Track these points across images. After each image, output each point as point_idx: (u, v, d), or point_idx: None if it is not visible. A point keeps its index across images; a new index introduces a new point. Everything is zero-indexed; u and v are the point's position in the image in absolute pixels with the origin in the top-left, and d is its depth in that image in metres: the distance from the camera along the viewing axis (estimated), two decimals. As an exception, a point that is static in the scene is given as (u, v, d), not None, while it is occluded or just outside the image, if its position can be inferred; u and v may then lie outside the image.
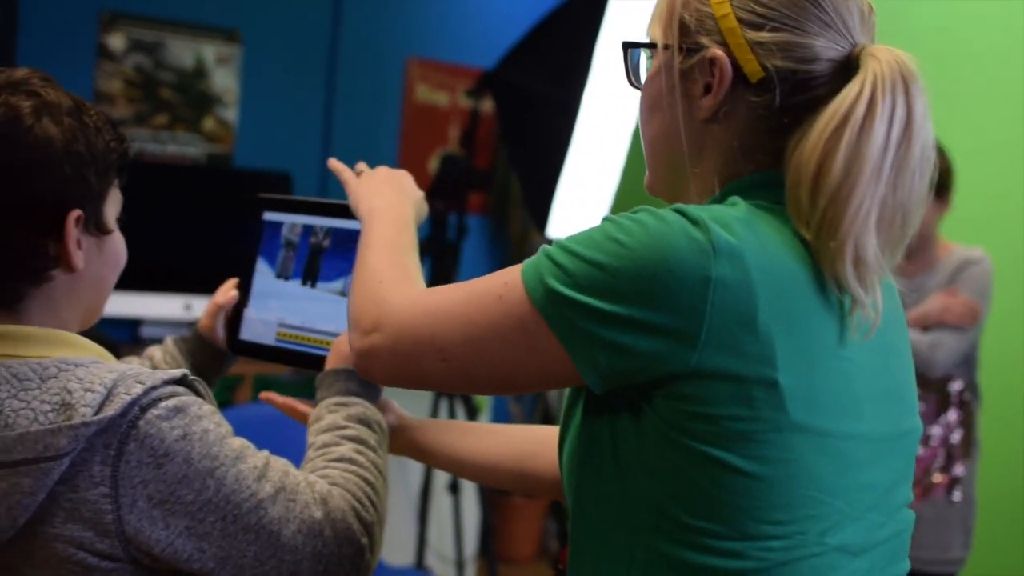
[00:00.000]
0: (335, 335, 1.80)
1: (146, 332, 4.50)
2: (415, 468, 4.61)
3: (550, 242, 1.26)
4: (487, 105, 4.99)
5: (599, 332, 1.19)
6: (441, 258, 4.35)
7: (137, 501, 1.37)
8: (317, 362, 1.80)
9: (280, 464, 1.47)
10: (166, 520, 1.38)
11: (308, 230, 1.84)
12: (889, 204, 1.22)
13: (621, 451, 1.24)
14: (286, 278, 1.84)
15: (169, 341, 1.92)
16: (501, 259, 5.71)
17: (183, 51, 4.68)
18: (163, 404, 1.39)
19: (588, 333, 1.19)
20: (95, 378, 1.39)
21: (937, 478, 3.60)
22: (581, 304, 1.19)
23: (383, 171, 1.72)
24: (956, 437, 3.63)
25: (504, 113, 4.72)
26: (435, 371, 1.30)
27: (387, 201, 1.61)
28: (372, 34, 5.22)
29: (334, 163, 1.77)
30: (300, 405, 1.80)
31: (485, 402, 4.92)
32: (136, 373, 1.40)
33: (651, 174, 1.43)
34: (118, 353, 1.55)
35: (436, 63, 5.43)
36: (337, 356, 1.71)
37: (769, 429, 1.18)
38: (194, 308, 4.51)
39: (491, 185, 5.45)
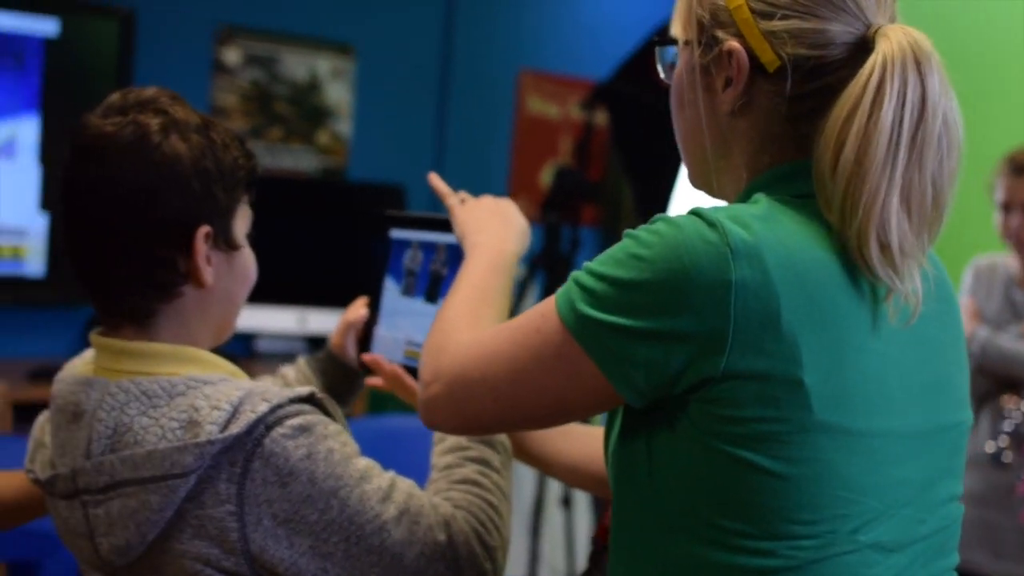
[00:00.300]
0: None
1: (262, 346, 4.53)
2: (528, 483, 4.60)
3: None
4: (600, 117, 4.96)
5: (631, 350, 1.19)
6: (554, 271, 4.34)
7: (262, 519, 1.37)
8: None
9: (405, 485, 1.46)
10: (290, 539, 1.38)
11: (431, 247, 1.83)
12: (916, 183, 1.23)
13: (656, 457, 1.25)
14: (412, 296, 1.83)
15: (301, 360, 1.93)
16: (613, 272, 5.65)
17: (298, 65, 4.71)
18: (288, 423, 1.39)
19: (621, 353, 1.20)
20: (222, 396, 1.39)
21: None
22: (610, 324, 1.20)
23: (488, 200, 1.71)
24: None
25: (619, 125, 4.68)
26: (491, 412, 1.31)
27: (490, 236, 1.61)
28: (484, 47, 5.22)
29: (436, 182, 1.77)
30: (407, 378, 1.77)
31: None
32: (263, 391, 1.41)
33: (688, 169, 1.43)
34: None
35: (548, 75, 5.41)
36: None
37: (795, 430, 1.18)
38: (309, 322, 4.52)
39: (603, 197, 5.42)
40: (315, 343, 4.55)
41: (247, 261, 1.57)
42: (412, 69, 5.05)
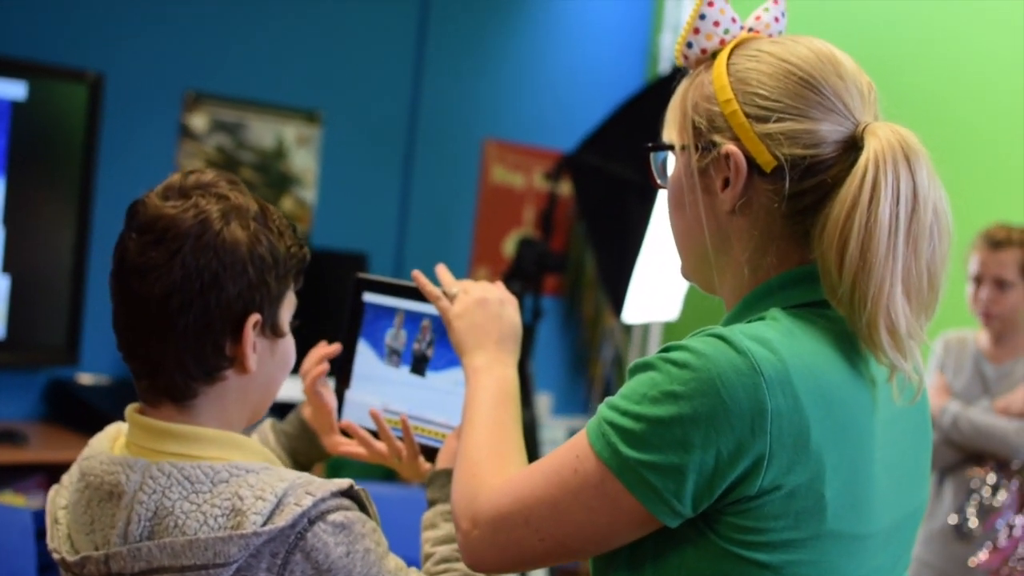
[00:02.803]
0: (447, 427, 1.78)
1: (221, 410, 4.51)
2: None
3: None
4: (564, 187, 5.00)
5: (676, 485, 1.24)
6: (516, 340, 4.34)
7: None
8: (426, 453, 1.79)
9: None
10: None
11: (414, 325, 1.82)
12: (914, 271, 1.29)
13: (662, 556, 1.30)
14: (396, 365, 1.82)
15: (268, 431, 1.92)
16: (574, 341, 5.70)
17: (264, 131, 4.73)
18: (330, 518, 1.41)
19: (667, 489, 1.24)
20: (266, 486, 1.41)
21: (1019, 569, 3.55)
22: (652, 463, 1.24)
23: (479, 296, 1.70)
24: None
25: (584, 195, 4.72)
26: (536, 551, 1.35)
27: (490, 359, 1.63)
28: (449, 116, 5.25)
29: (423, 282, 1.75)
30: (375, 444, 1.80)
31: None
32: (306, 483, 1.43)
33: (683, 264, 1.48)
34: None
35: (512, 144, 5.45)
36: (450, 454, 1.71)
37: (808, 537, 1.26)
38: (269, 387, 4.50)
39: (567, 268, 5.45)
40: (277, 409, 4.53)
41: (289, 348, 1.58)
42: (377, 137, 5.07)
